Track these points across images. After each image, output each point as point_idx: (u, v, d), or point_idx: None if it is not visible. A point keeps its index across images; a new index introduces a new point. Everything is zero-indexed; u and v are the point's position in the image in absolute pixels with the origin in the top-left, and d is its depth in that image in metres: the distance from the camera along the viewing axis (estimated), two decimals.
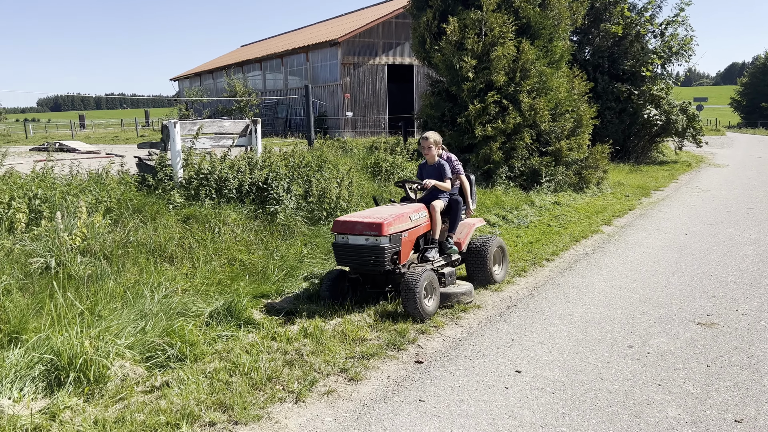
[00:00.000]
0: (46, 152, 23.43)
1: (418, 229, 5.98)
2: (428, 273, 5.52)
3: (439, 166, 6.48)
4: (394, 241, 5.59)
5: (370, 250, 5.54)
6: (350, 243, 5.66)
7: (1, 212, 5.70)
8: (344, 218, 5.77)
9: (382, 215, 5.71)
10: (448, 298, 5.85)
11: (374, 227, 5.53)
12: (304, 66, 34.86)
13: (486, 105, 12.42)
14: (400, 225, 5.68)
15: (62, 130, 55.58)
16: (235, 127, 8.51)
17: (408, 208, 6.04)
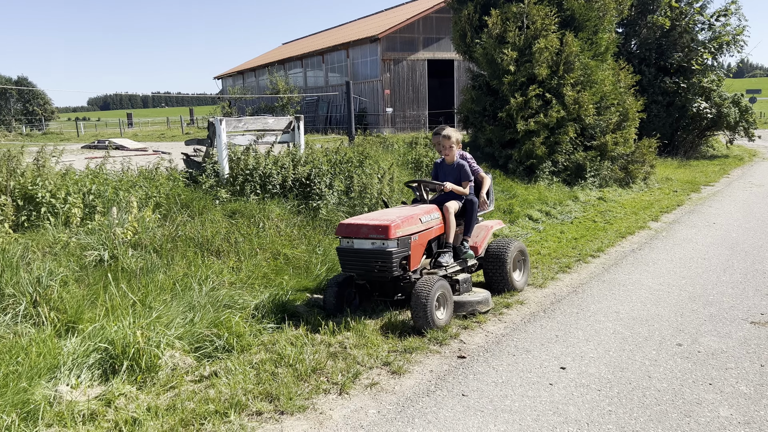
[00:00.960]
0: (97, 150, 24.15)
1: (430, 232, 5.55)
2: (441, 283, 5.09)
3: (459, 166, 5.98)
4: (402, 244, 5.19)
5: (376, 254, 5.14)
6: (355, 247, 5.26)
7: (59, 207, 5.94)
8: (349, 221, 5.38)
9: (389, 217, 5.30)
10: (463, 307, 5.41)
11: (381, 230, 5.10)
12: (344, 63, 35.04)
13: (528, 99, 12.26)
14: (410, 227, 5.28)
15: (111, 128, 57.36)
16: (278, 123, 8.64)
17: (419, 209, 5.62)
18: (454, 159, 6.00)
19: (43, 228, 5.72)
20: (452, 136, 5.98)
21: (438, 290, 5.04)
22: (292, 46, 51.39)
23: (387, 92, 31.39)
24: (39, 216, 5.83)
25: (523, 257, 6.37)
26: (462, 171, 5.95)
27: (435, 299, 4.99)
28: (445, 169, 6.08)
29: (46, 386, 3.89)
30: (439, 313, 5.12)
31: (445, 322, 5.12)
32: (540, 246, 8.28)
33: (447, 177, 5.99)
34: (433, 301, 4.96)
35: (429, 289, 4.94)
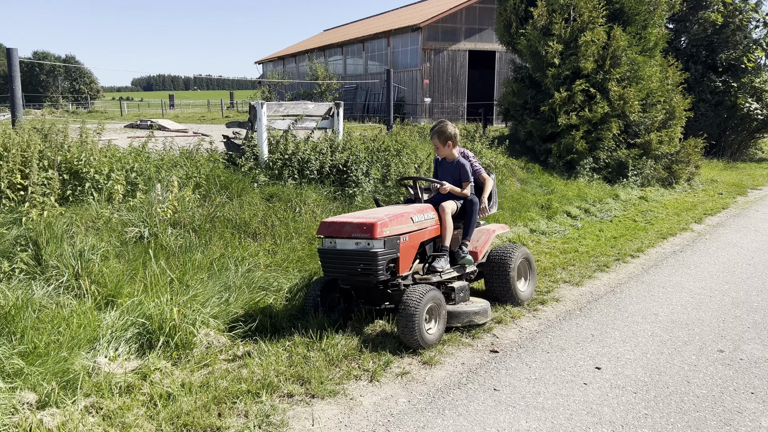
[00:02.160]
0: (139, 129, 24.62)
1: (423, 233, 5.02)
2: (432, 294, 4.54)
3: (459, 165, 5.41)
4: (390, 245, 4.64)
5: (360, 256, 4.60)
6: (338, 248, 4.71)
7: (102, 183, 6.06)
8: (332, 219, 4.87)
9: (376, 215, 4.80)
10: (458, 318, 4.88)
11: (365, 228, 4.58)
12: (384, 51, 34.91)
13: (572, 93, 12.01)
14: (399, 227, 4.75)
15: (153, 108, 58.46)
16: (318, 109, 8.64)
17: (411, 208, 5.12)
18: (455, 156, 5.45)
19: (86, 203, 5.85)
20: (445, 133, 5.38)
21: (429, 302, 4.49)
22: (333, 33, 51.44)
23: (426, 82, 31.19)
24: (83, 191, 5.96)
25: (529, 265, 5.84)
26: (462, 170, 5.39)
27: (425, 312, 4.44)
28: (444, 166, 5.55)
29: (85, 357, 3.99)
30: (430, 327, 4.59)
31: (435, 337, 4.59)
32: (578, 243, 8.13)
33: (446, 175, 5.47)
34: (423, 314, 4.41)
35: (419, 300, 4.40)
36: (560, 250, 7.78)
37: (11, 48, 7.04)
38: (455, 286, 5.08)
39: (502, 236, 7.82)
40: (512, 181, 10.73)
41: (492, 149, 11.34)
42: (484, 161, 10.62)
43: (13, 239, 5.01)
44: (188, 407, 3.52)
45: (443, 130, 5.37)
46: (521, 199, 9.94)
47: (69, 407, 3.41)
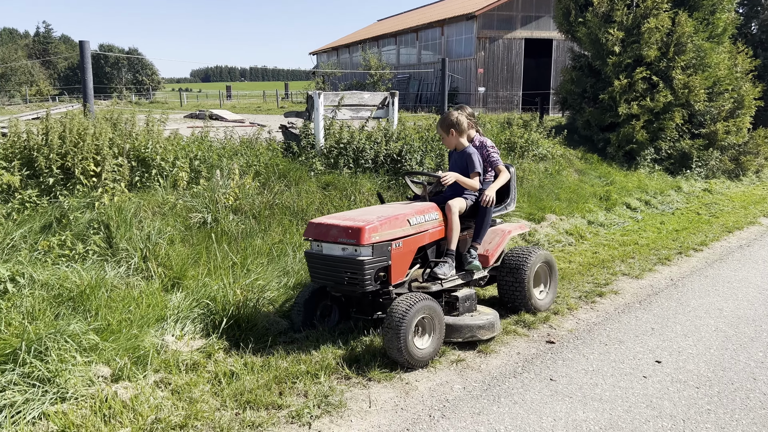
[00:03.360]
0: (198, 119, 25.37)
1: (422, 236, 4.49)
2: (423, 304, 4.02)
3: (466, 155, 4.84)
4: (379, 252, 4.14)
5: (346, 263, 4.14)
6: (324, 253, 4.28)
7: (167, 170, 6.30)
8: (319, 220, 4.41)
9: (367, 217, 4.28)
10: (459, 332, 4.36)
11: (351, 233, 4.09)
12: (438, 40, 34.66)
13: (633, 81, 11.66)
14: (391, 231, 4.23)
15: (211, 99, 59.94)
16: (373, 99, 8.70)
17: (409, 208, 4.56)
18: (463, 146, 4.90)
19: (153, 189, 6.10)
20: (446, 120, 4.87)
21: (419, 312, 3.99)
22: (386, 22, 51.39)
23: (480, 71, 30.82)
24: (150, 177, 6.21)
25: (549, 270, 5.27)
26: (469, 160, 4.80)
27: (413, 324, 3.95)
28: (454, 158, 5.02)
29: (154, 335, 4.19)
30: (421, 341, 4.10)
31: (428, 353, 4.07)
32: (638, 236, 7.93)
33: (455, 168, 4.93)
34: (411, 327, 3.92)
35: (406, 310, 3.91)
36: (619, 242, 7.61)
37: (83, 40, 7.36)
38: (459, 295, 4.57)
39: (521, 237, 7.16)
40: (569, 172, 10.53)
41: (549, 139, 11.15)
42: (541, 151, 10.46)
43: (87, 223, 5.29)
44: (251, 385, 3.66)
45: (445, 117, 4.92)
46: (579, 190, 9.75)
47: (140, 381, 3.60)
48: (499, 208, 5.12)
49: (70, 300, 4.28)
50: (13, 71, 77.55)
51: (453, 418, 3.46)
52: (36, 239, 5.02)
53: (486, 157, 5.06)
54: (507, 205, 5.24)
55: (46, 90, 61.22)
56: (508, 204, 5.26)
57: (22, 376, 3.39)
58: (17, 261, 4.55)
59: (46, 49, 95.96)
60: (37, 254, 4.80)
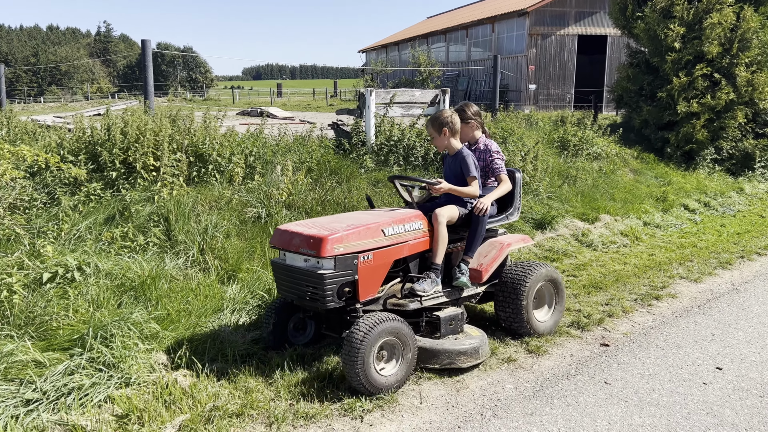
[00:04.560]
0: (249, 116, 25.83)
1: (400, 248, 4.01)
2: (388, 325, 3.61)
3: (461, 158, 4.33)
4: (342, 265, 3.72)
5: (307, 276, 3.76)
6: (288, 263, 3.92)
7: (224, 165, 6.47)
8: (285, 226, 4.01)
9: (334, 225, 3.89)
10: (435, 357, 3.89)
11: (312, 243, 3.70)
12: (488, 37, 34.30)
13: (693, 78, 11.26)
14: (360, 242, 3.79)
15: (262, 97, 61.03)
16: (424, 96, 8.70)
17: (388, 216, 4.10)
18: (455, 148, 4.39)
19: (210, 184, 6.27)
20: (438, 119, 4.38)
21: (382, 335, 3.57)
22: (436, 20, 51.17)
23: (531, 68, 30.35)
24: (207, 173, 6.38)
25: (555, 289, 4.67)
26: (464, 164, 4.30)
27: (375, 347, 3.55)
28: (447, 162, 4.54)
29: (211, 325, 4.32)
30: (384, 367, 3.69)
31: (393, 380, 3.64)
32: (696, 238, 7.68)
33: (448, 173, 4.49)
34: (372, 350, 3.52)
35: (366, 332, 3.51)
36: (677, 244, 7.38)
37: (145, 39, 7.63)
38: (441, 315, 4.07)
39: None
40: (624, 172, 10.27)
41: (603, 137, 10.90)
42: (595, 150, 10.23)
43: (147, 215, 5.48)
44: (304, 377, 3.73)
45: (437, 115, 4.42)
46: (634, 190, 9.50)
47: (198, 369, 3.71)
48: (499, 217, 4.61)
49: (132, 289, 4.45)
50: (76, 69, 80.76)
51: (505, 418, 3.44)
52: (100, 230, 5.24)
53: (489, 162, 4.56)
54: (509, 215, 4.68)
55: (105, 87, 63.61)
56: (511, 213, 4.70)
57: (89, 361, 3.55)
58: (83, 251, 4.76)
59: (106, 48, 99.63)
60: (101, 245, 5.01)
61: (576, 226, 7.75)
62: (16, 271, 4.14)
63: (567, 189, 8.73)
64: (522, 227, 7.23)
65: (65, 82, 76.88)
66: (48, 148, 6.00)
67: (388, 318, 3.65)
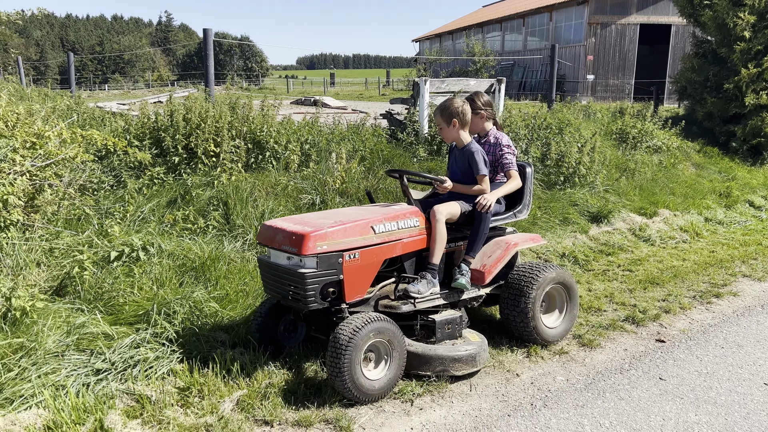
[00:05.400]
0: (303, 105, 26.22)
1: (392, 247, 3.76)
2: (375, 326, 3.39)
3: (468, 154, 4.04)
4: (326, 264, 3.50)
5: (289, 275, 3.56)
6: (272, 261, 3.72)
7: (280, 153, 6.61)
8: (270, 222, 3.78)
9: (320, 221, 3.66)
10: (428, 364, 3.65)
11: (294, 240, 3.49)
12: (546, 26, 33.58)
13: (762, 70, 10.76)
14: (346, 239, 3.56)
15: (315, 86, 61.65)
16: (479, 85, 8.63)
17: (380, 212, 3.84)
18: (464, 142, 4.10)
19: (267, 170, 6.43)
20: (448, 108, 4.06)
21: (369, 338, 3.37)
22: (492, 8, 50.41)
23: (590, 58, 29.58)
24: (264, 159, 6.54)
25: (567, 293, 4.32)
26: (472, 161, 4.02)
27: (362, 350, 3.36)
28: (454, 156, 4.24)
29: None
30: (373, 371, 3.50)
31: (382, 385, 3.44)
32: (762, 236, 7.38)
33: (454, 168, 4.20)
34: (358, 354, 3.32)
35: (352, 334, 3.31)
36: (740, 242, 7.12)
37: (207, 28, 7.84)
38: (437, 318, 3.82)
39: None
40: (686, 165, 9.94)
41: (664, 130, 10.56)
42: (655, 142, 9.93)
43: (207, 199, 5.68)
44: None
45: (447, 104, 4.08)
46: (695, 185, 9.18)
47: (254, 347, 3.84)
48: (506, 215, 4.28)
49: (193, 270, 4.63)
50: (138, 58, 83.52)
51: (555, 409, 3.43)
52: (163, 213, 5.46)
53: (499, 157, 4.26)
54: (517, 212, 4.35)
55: (165, 75, 65.58)
56: (519, 211, 4.36)
57: (153, 336, 3.74)
58: (147, 232, 4.98)
59: (167, 37, 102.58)
60: (164, 227, 5.22)
61: (633, 221, 7.57)
62: (86, 248, 4.37)
63: (625, 182, 8.52)
64: (576, 220, 7.12)
65: (128, 71, 79.66)
66: (115, 133, 6.27)
67: (375, 319, 3.42)
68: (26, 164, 4.17)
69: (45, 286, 4.12)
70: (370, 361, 3.50)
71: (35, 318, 3.66)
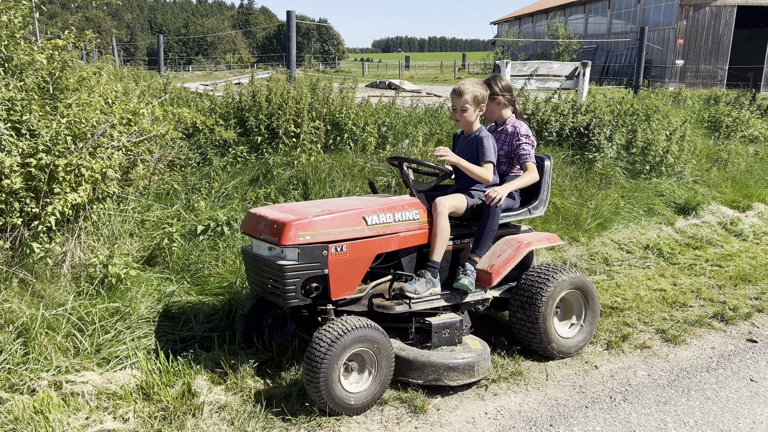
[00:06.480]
0: (378, 89, 26.36)
1: (386, 240, 3.43)
2: (360, 333, 3.08)
3: (476, 140, 3.71)
4: (309, 256, 3.19)
5: (269, 267, 3.28)
6: (253, 252, 3.46)
7: (358, 135, 6.67)
8: (254, 210, 3.51)
9: (307, 210, 3.37)
10: (420, 371, 3.31)
11: (275, 229, 3.20)
12: (633, 8, 32.04)
13: None
14: (333, 230, 3.26)
15: (390, 69, 61.67)
16: (563, 69, 8.37)
17: (372, 203, 3.55)
18: (474, 128, 3.78)
19: (344, 152, 6.50)
20: (467, 92, 3.69)
21: (351, 344, 3.06)
22: None
23: (680, 42, 28.03)
24: (342, 141, 6.62)
25: (585, 300, 3.90)
26: (480, 146, 3.68)
27: (342, 360, 3.06)
28: (461, 144, 3.92)
29: None
30: (355, 383, 3.19)
31: (364, 397, 3.13)
32: None
33: (462, 157, 3.75)
34: (338, 362, 3.02)
35: (332, 340, 3.00)
36: None
37: (290, 10, 7.99)
38: (434, 322, 3.47)
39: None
40: None
41: (762, 119, 9.89)
42: (752, 132, 9.32)
43: (287, 179, 5.82)
44: None
45: (464, 89, 3.70)
46: None
47: None
48: (519, 211, 3.92)
49: None
50: (220, 40, 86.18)
51: (636, 404, 3.32)
52: (245, 190, 5.64)
53: (516, 147, 3.88)
54: (532, 209, 3.97)
55: (246, 57, 67.41)
56: (535, 207, 3.98)
57: None
58: (231, 208, 5.16)
59: (247, 20, 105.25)
60: (247, 203, 5.40)
61: (724, 214, 7.16)
62: (175, 221, 4.59)
63: (716, 173, 8.07)
64: (662, 211, 6.82)
65: (210, 52, 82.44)
66: (202, 112, 6.52)
67: (360, 324, 3.09)
68: (123, 140, 4.40)
69: (137, 256, 4.37)
70: (351, 371, 3.17)
71: (129, 285, 3.89)
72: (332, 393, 3.01)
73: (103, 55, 15.64)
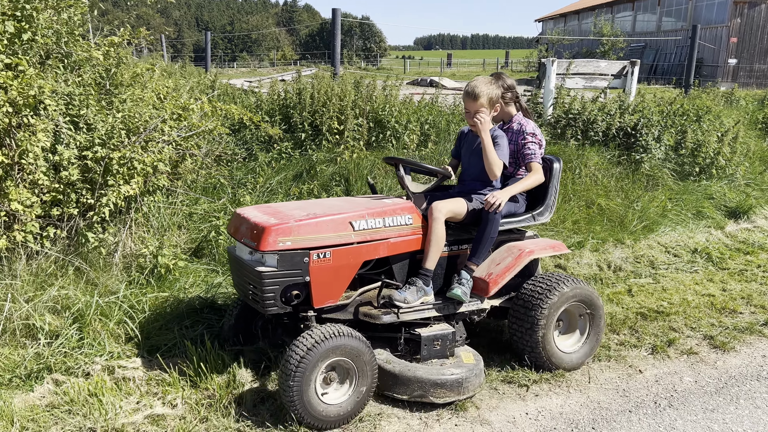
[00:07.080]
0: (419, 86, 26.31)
1: (374, 247, 3.25)
2: (338, 342, 2.91)
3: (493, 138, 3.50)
4: (289, 263, 3.04)
5: (249, 272, 3.12)
6: (237, 254, 3.30)
7: (400, 132, 6.69)
8: (240, 210, 3.36)
9: (292, 213, 3.20)
10: (406, 386, 3.13)
11: (255, 234, 3.06)
12: (684, 6, 31.12)
13: None
14: (316, 235, 3.08)
15: (432, 67, 61.44)
16: (610, 68, 8.21)
17: (362, 206, 3.35)
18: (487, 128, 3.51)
19: (386, 149, 6.53)
20: (482, 95, 3.44)
21: (329, 355, 2.90)
22: None
23: (733, 40, 27.10)
24: (384, 138, 6.65)
25: (589, 314, 3.66)
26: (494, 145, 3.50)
27: (319, 370, 2.91)
28: (469, 142, 3.70)
29: None
30: (333, 394, 3.02)
31: (343, 410, 2.97)
32: None
33: (471, 156, 3.64)
34: (315, 372, 2.88)
35: (308, 349, 2.85)
36: None
37: (335, 8, 8.05)
38: (423, 333, 3.28)
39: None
40: None
41: None
42: None
43: (330, 175, 5.88)
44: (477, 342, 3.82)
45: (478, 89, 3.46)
46: None
47: None
48: (523, 217, 3.67)
49: None
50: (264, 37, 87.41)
51: (681, 410, 3.25)
52: (289, 186, 5.73)
53: (521, 146, 3.63)
54: (537, 215, 3.70)
55: (289, 55, 68.18)
56: (540, 213, 3.71)
57: None
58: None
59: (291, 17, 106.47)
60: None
61: None
62: (222, 215, 4.70)
63: None
64: (712, 215, 6.64)
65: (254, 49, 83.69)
66: (249, 108, 6.64)
67: (338, 333, 2.93)
68: (173, 134, 4.53)
69: (185, 247, 4.49)
70: (330, 381, 3.01)
71: (177, 276, 4.01)
72: (307, 404, 2.86)
73: (152, 51, 16.06)
